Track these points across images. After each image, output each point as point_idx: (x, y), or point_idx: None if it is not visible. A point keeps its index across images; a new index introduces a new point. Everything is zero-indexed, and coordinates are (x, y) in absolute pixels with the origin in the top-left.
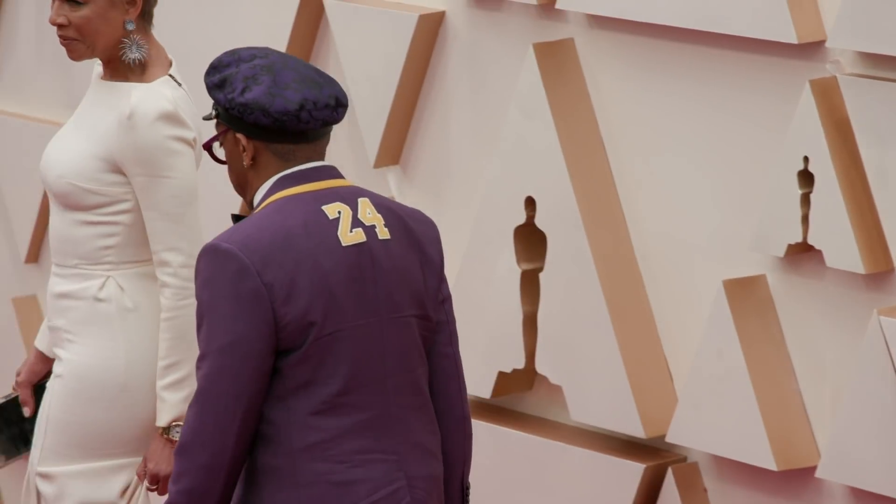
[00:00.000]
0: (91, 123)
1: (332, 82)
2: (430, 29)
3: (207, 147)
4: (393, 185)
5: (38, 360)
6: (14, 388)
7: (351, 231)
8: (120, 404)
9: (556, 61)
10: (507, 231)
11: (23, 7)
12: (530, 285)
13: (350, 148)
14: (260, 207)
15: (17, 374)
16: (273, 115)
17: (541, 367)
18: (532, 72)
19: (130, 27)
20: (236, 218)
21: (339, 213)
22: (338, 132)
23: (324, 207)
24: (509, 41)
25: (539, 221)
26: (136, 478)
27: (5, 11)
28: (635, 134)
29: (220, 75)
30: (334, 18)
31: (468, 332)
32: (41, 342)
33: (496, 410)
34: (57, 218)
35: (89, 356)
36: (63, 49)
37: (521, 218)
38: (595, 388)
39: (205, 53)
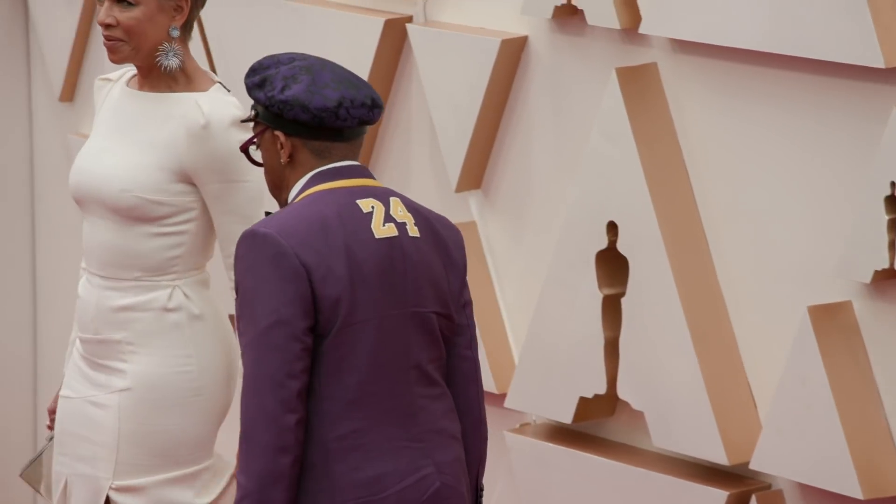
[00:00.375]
0: (146, 136)
1: (367, 85)
2: (513, 54)
3: (244, 149)
4: (475, 210)
5: None
6: (50, 427)
7: (384, 225)
8: (195, 409)
9: (639, 86)
10: (588, 256)
11: None
12: (612, 310)
13: (432, 172)
14: (295, 201)
15: (52, 413)
16: (312, 111)
17: (622, 392)
18: (615, 96)
19: (175, 34)
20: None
21: (373, 207)
22: (420, 156)
23: (358, 201)
24: (592, 66)
25: (621, 246)
26: (218, 478)
27: (94, 38)
28: (718, 158)
29: (260, 76)
30: (417, 43)
31: (549, 356)
32: None
33: (577, 436)
34: (111, 232)
35: (161, 365)
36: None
37: (603, 243)
38: (677, 414)
39: None
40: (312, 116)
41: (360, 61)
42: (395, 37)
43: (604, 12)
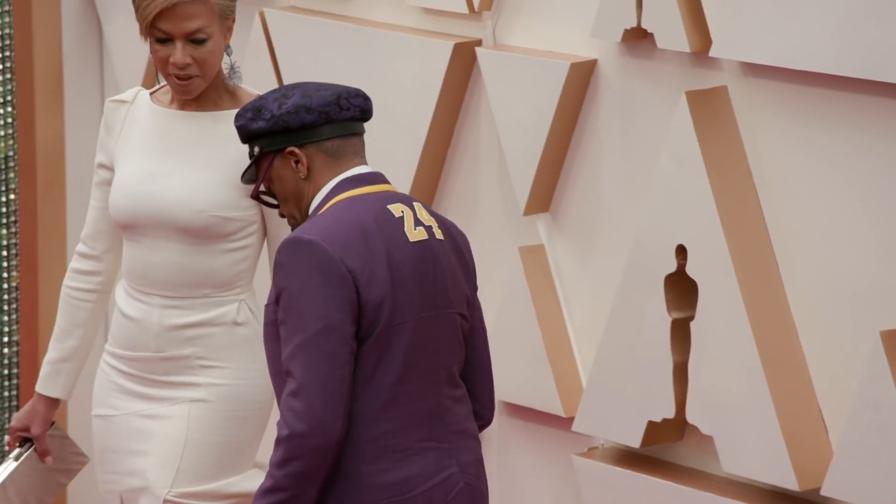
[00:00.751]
0: (208, 155)
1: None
2: (582, 77)
3: (256, 195)
4: (543, 233)
5: (49, 408)
6: (12, 444)
7: (415, 229)
8: (256, 420)
9: (710, 109)
10: (657, 279)
11: None
12: (681, 334)
13: (500, 195)
14: (324, 209)
15: (24, 429)
16: (317, 108)
17: (691, 416)
18: (684, 120)
19: (230, 52)
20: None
21: (403, 212)
22: (488, 179)
23: (388, 206)
24: (661, 89)
25: (690, 270)
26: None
27: None
28: (789, 182)
29: (251, 111)
30: (486, 67)
31: (617, 380)
32: (53, 388)
33: (645, 460)
34: (179, 253)
35: (235, 378)
36: None
37: (672, 266)
38: (747, 439)
39: None
40: (319, 113)
41: (429, 84)
42: (464, 60)
43: (674, 35)
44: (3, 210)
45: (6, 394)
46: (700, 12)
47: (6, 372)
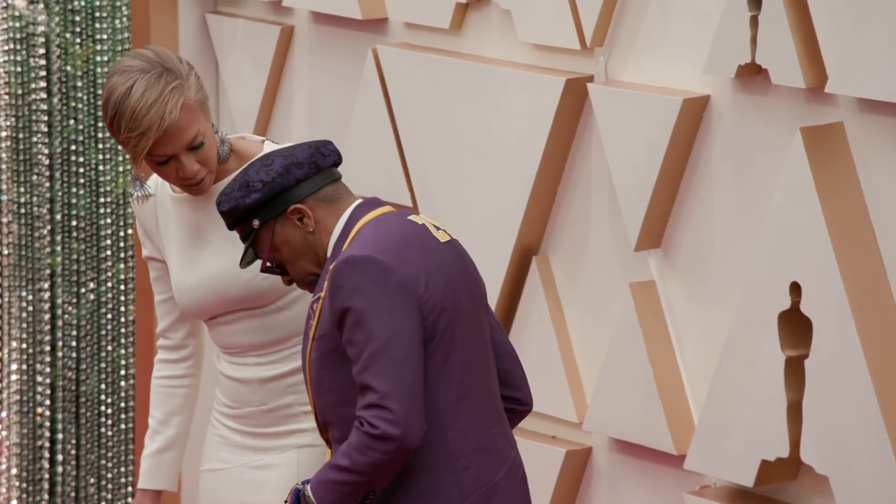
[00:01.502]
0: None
1: None
2: (695, 113)
3: (266, 269)
4: (654, 269)
5: (155, 502)
6: None
7: (437, 232)
8: None
9: (825, 146)
10: (771, 316)
11: (297, 87)
12: (795, 372)
13: (611, 230)
14: (352, 235)
15: None
16: (304, 162)
17: (806, 456)
18: (799, 156)
19: (217, 130)
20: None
21: (422, 220)
22: (599, 214)
23: (409, 217)
24: (775, 125)
25: (804, 307)
26: None
27: (280, 104)
28: None
29: (237, 189)
30: (598, 102)
31: (730, 418)
32: (159, 480)
33: (759, 499)
34: (258, 319)
35: None
36: None
37: (786, 303)
38: (863, 479)
39: (469, 137)
40: (308, 165)
41: (540, 120)
42: (575, 96)
43: (789, 71)
44: (121, 245)
45: (123, 426)
46: (815, 47)
47: (123, 405)
